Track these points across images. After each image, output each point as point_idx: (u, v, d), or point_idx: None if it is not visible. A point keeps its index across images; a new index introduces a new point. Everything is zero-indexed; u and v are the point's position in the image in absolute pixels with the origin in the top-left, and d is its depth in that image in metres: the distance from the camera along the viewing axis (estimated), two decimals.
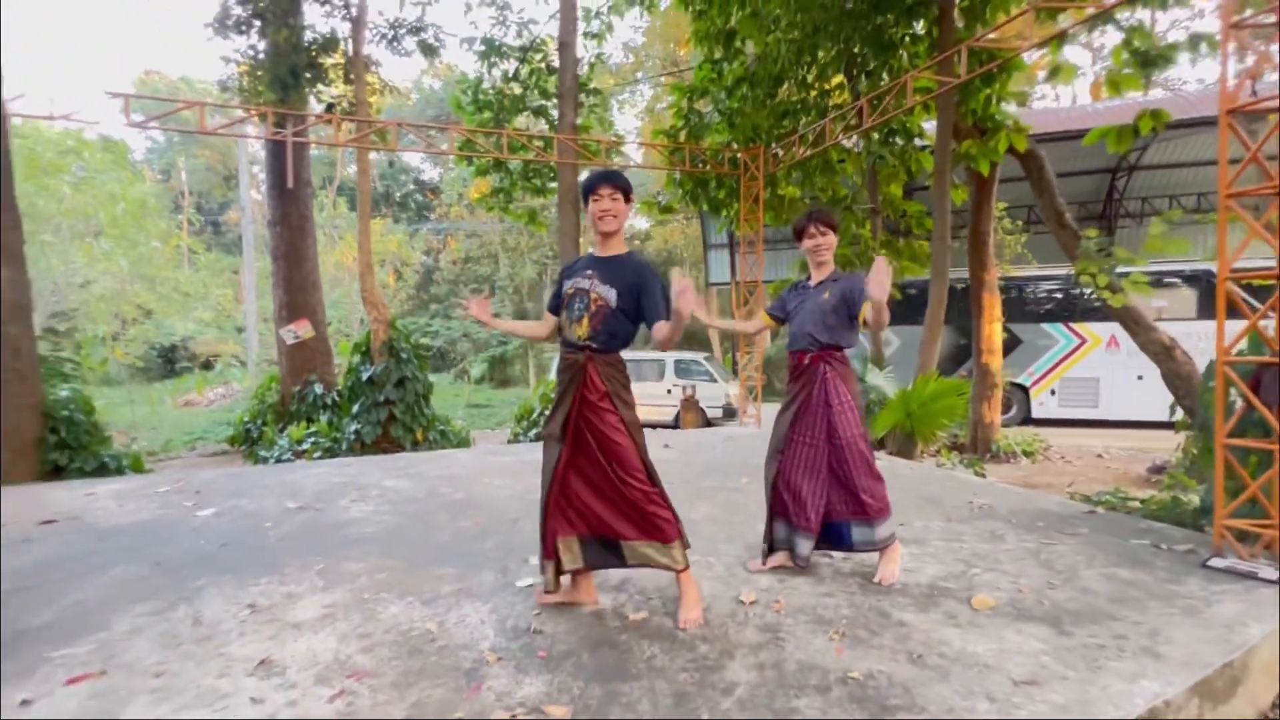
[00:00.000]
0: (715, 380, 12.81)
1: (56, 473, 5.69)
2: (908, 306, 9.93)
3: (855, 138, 7.42)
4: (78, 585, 2.85)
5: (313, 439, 7.53)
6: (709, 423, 12.44)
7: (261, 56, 8.58)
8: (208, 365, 20.73)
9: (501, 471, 5.14)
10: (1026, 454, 7.22)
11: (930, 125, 6.85)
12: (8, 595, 2.75)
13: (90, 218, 15.47)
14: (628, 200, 2.39)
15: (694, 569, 2.55)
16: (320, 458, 6.98)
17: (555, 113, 9.36)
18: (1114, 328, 8.34)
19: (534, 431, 8.00)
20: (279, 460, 7.16)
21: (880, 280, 2.38)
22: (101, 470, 5.88)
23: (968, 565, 2.98)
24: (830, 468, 2.77)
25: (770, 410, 10.84)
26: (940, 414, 5.64)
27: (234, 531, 3.65)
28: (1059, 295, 10.94)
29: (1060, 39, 5.09)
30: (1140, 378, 9.63)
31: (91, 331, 14.95)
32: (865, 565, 2.96)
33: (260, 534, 3.60)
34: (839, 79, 7.87)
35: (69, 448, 5.78)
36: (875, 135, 7.45)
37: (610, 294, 2.35)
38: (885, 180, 8.02)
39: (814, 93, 7.79)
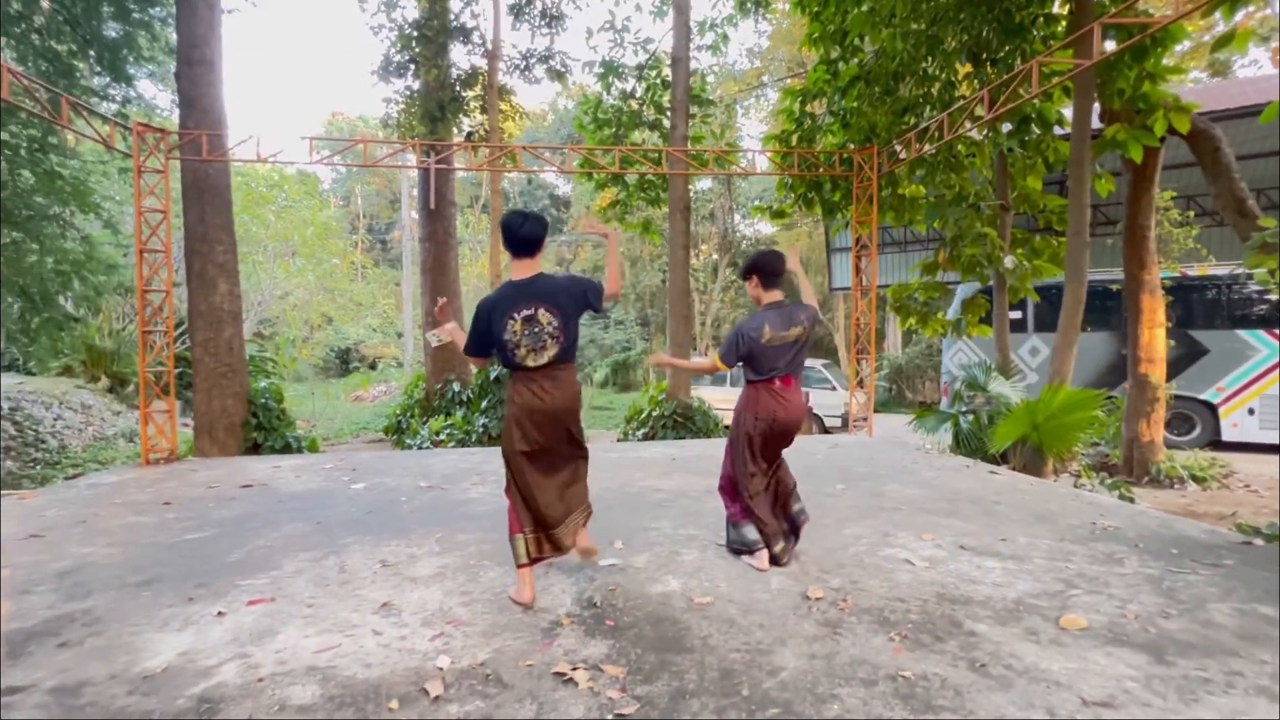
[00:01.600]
0: (835, 389, 12.35)
1: (255, 448, 6.97)
2: (1053, 311, 8.97)
3: (988, 130, 6.89)
4: (262, 534, 3.58)
5: (448, 430, 8.45)
6: (826, 431, 12.08)
7: (414, 95, 9.80)
8: (373, 366, 23.69)
9: (605, 466, 5.49)
10: (1196, 479, 6.23)
11: (1071, 112, 6.19)
12: (216, 538, 3.53)
13: (288, 240, 18.51)
14: None
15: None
16: (453, 447, 7.83)
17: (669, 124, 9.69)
18: None
19: (641, 431, 8.33)
20: (419, 448, 8.13)
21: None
22: (286, 449, 7.10)
23: (1068, 585, 2.77)
24: None
25: (884, 420, 10.32)
26: (1073, 427, 5.08)
27: (377, 502, 4.33)
28: (1265, 297, 9.23)
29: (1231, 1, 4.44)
30: None
31: (286, 335, 17.81)
32: (948, 575, 2.87)
33: (396, 505, 4.23)
34: (966, 69, 7.37)
35: (264, 429, 7.06)
36: (1004, 126, 6.87)
37: None
38: (1021, 173, 7.35)
39: (937, 85, 7.36)
